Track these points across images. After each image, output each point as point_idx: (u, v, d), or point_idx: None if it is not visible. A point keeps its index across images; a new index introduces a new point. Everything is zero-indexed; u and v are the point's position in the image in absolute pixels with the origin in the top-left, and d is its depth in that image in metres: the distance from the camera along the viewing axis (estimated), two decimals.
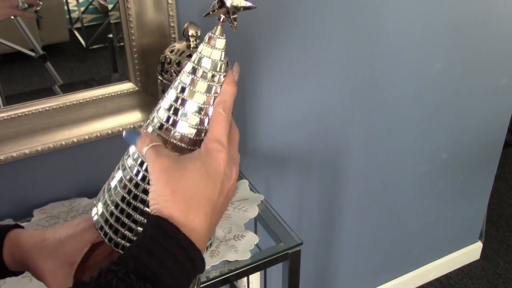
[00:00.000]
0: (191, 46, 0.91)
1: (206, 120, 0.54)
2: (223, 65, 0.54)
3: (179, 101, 0.53)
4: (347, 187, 1.55)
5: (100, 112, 1.04)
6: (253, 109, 1.23)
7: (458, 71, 1.53)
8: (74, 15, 1.02)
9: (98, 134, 1.04)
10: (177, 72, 0.89)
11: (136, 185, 0.54)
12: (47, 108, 0.99)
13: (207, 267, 0.90)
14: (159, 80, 0.93)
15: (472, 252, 2.07)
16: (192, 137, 0.54)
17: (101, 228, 0.56)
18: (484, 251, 2.12)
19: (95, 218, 0.57)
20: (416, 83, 1.47)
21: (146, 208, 0.54)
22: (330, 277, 1.75)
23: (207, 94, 0.53)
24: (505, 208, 2.38)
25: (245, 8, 0.52)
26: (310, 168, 1.44)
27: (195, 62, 0.53)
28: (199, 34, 0.91)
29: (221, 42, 0.53)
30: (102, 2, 1.05)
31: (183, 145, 0.54)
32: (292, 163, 1.39)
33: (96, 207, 0.58)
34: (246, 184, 1.12)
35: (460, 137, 1.69)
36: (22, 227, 0.62)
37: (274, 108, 1.26)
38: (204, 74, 0.53)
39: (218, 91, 0.54)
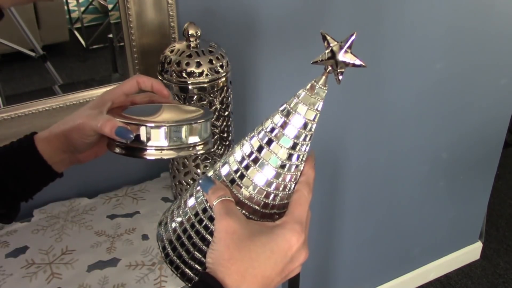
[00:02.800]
0: (191, 46, 0.91)
1: (282, 186, 0.53)
2: (313, 125, 0.54)
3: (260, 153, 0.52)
4: (347, 187, 1.55)
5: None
6: (253, 109, 1.23)
7: (458, 71, 1.53)
8: (74, 15, 1.03)
9: None
10: (177, 72, 0.89)
11: (205, 227, 0.55)
12: (47, 108, 0.99)
13: None
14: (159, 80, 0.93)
15: (472, 252, 2.07)
16: (262, 198, 0.53)
17: (164, 247, 0.57)
18: (484, 251, 2.12)
19: (159, 232, 0.58)
20: (416, 83, 1.47)
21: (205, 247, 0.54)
22: (330, 277, 1.75)
23: (291, 151, 0.52)
24: (505, 208, 2.38)
25: (355, 65, 0.52)
26: None
27: (291, 105, 0.54)
28: (199, 34, 0.91)
29: (322, 92, 0.54)
30: (102, 2, 1.05)
31: (252, 205, 0.53)
32: None
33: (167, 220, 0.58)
34: None
35: (460, 137, 1.69)
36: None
37: (274, 108, 1.26)
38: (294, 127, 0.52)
39: (303, 152, 0.53)
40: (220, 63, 0.91)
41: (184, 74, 0.89)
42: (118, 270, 0.89)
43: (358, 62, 0.52)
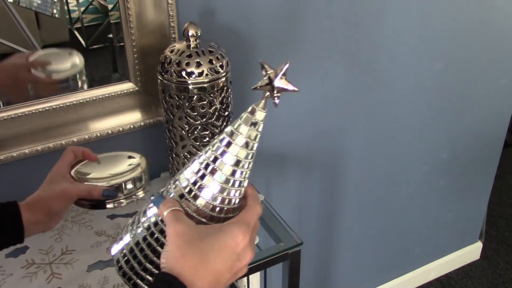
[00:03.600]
0: (191, 46, 0.91)
1: (227, 200, 0.58)
2: (255, 144, 0.59)
3: (206, 170, 0.58)
4: (347, 187, 1.55)
5: (100, 112, 1.04)
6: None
7: (458, 71, 1.53)
8: (74, 15, 1.02)
9: (98, 134, 1.04)
10: (177, 72, 0.89)
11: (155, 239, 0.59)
12: (47, 108, 0.99)
13: None
14: (159, 80, 0.93)
15: (472, 252, 2.07)
16: (208, 212, 0.58)
17: (118, 261, 0.61)
18: (484, 251, 2.12)
19: (115, 247, 0.63)
20: (416, 83, 1.47)
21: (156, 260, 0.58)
22: (330, 277, 1.75)
23: (234, 167, 0.58)
24: (505, 208, 2.38)
25: (288, 90, 0.59)
26: (310, 168, 1.44)
27: (234, 126, 0.58)
28: (199, 34, 0.91)
29: (261, 115, 0.60)
30: (102, 2, 1.05)
31: (200, 218, 0.58)
32: (292, 163, 1.39)
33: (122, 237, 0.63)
34: None
35: (460, 137, 1.69)
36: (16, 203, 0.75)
37: (274, 108, 1.26)
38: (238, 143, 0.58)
39: (246, 169, 0.59)
40: (220, 63, 0.91)
41: (184, 74, 0.89)
42: None
43: (291, 87, 0.59)
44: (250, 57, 1.15)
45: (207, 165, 0.57)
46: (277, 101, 0.60)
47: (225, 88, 0.94)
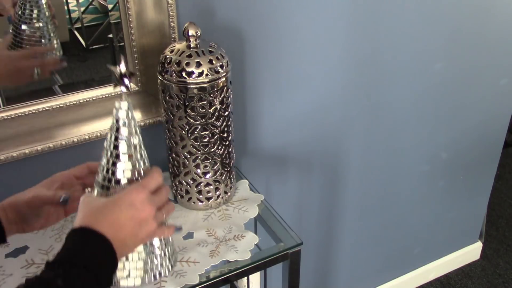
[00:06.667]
0: (191, 46, 0.91)
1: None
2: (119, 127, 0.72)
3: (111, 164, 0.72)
4: (347, 187, 1.55)
5: (100, 112, 1.04)
6: (254, 109, 1.23)
7: (458, 71, 1.53)
8: (74, 15, 1.02)
9: (98, 134, 1.04)
10: (177, 72, 0.89)
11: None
12: (47, 108, 0.99)
13: (207, 267, 0.90)
14: (159, 80, 0.93)
15: (472, 252, 2.07)
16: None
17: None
18: (484, 251, 2.12)
19: None
20: (416, 83, 1.47)
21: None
22: (330, 277, 1.75)
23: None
24: (505, 208, 2.39)
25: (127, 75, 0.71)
26: (310, 168, 1.44)
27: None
28: (199, 34, 0.91)
29: (124, 104, 0.72)
30: (102, 2, 1.05)
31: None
32: (292, 163, 1.39)
33: None
34: (246, 184, 1.12)
35: (460, 137, 1.69)
36: None
37: (274, 108, 1.26)
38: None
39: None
40: (220, 63, 0.91)
41: (184, 74, 0.89)
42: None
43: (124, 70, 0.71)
44: (250, 57, 1.15)
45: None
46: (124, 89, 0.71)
47: (225, 88, 0.94)
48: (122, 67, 0.70)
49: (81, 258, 0.61)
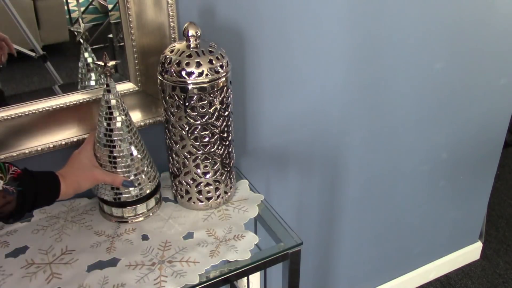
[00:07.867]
0: (191, 46, 0.91)
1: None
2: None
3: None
4: (347, 187, 1.55)
5: None
6: (254, 109, 1.23)
7: (458, 71, 1.53)
8: (74, 15, 1.02)
9: None
10: (177, 72, 0.89)
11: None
12: (47, 108, 0.99)
13: (207, 267, 0.90)
14: (159, 80, 0.93)
15: (472, 252, 2.07)
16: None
17: None
18: (484, 251, 2.12)
19: None
20: (416, 83, 1.47)
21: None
22: (330, 277, 1.75)
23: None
24: (505, 208, 2.39)
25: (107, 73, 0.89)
26: (310, 168, 1.44)
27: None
28: (199, 34, 0.91)
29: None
30: (102, 2, 1.05)
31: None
32: (292, 163, 1.39)
33: None
34: (246, 184, 1.12)
35: (460, 137, 1.69)
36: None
37: (274, 108, 1.26)
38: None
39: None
40: (220, 63, 0.91)
41: (184, 74, 0.89)
42: (118, 270, 0.89)
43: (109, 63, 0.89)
44: (250, 57, 1.15)
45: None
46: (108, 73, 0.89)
47: (225, 88, 0.94)
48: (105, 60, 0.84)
49: (38, 180, 0.83)
